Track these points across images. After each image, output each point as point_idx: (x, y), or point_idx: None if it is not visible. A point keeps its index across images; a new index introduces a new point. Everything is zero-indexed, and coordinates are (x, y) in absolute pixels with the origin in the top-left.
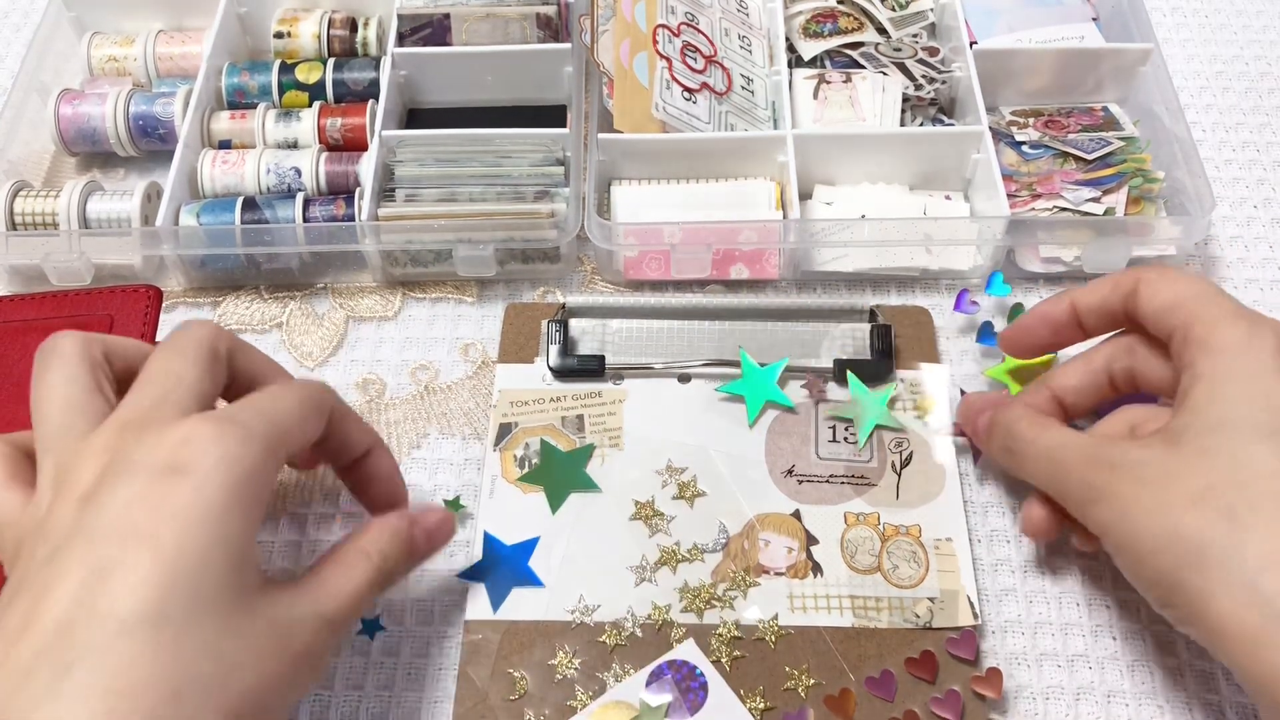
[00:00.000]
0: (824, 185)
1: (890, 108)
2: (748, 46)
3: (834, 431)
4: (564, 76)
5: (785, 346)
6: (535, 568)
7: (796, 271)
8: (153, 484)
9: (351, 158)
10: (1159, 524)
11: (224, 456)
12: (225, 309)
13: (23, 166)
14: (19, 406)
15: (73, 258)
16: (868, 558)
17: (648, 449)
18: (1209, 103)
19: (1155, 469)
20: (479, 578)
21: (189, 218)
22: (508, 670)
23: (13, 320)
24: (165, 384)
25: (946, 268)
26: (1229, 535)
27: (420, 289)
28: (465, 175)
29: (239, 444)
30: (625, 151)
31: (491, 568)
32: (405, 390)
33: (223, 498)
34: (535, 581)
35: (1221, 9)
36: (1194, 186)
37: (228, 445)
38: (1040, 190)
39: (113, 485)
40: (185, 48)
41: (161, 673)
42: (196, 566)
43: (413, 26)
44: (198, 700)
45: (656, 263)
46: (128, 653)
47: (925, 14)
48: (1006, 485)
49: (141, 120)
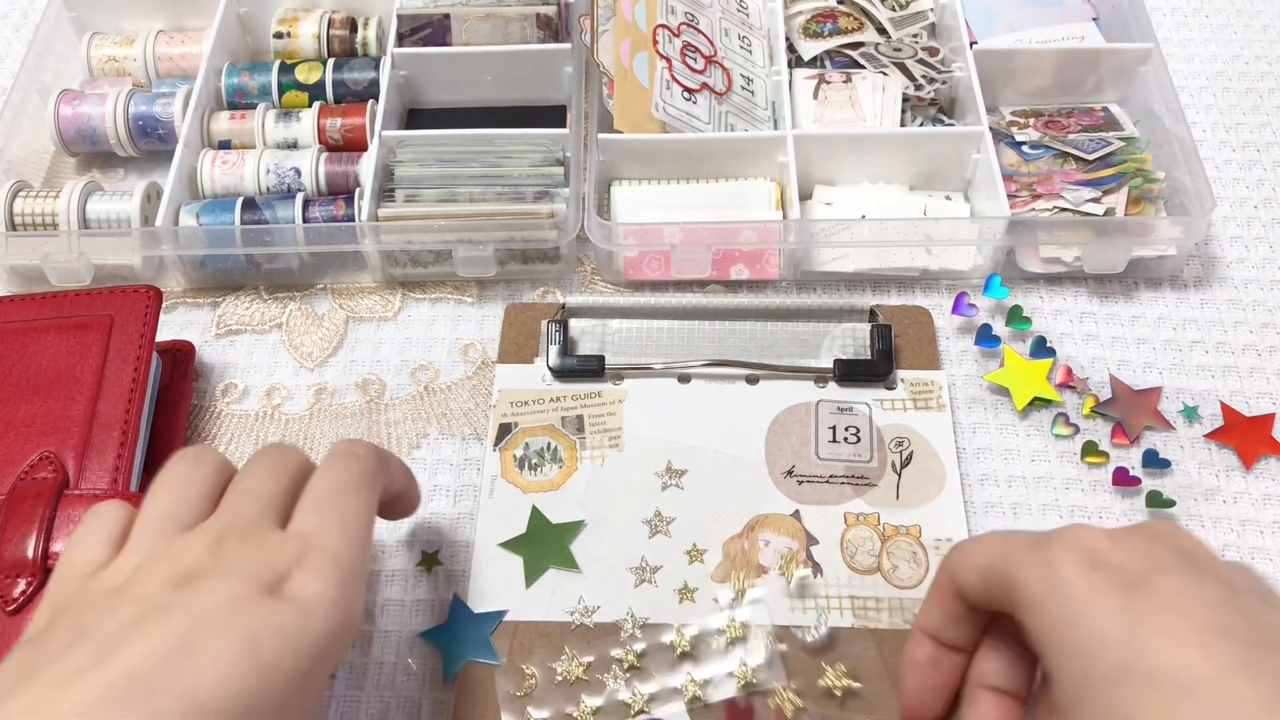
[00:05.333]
0: (824, 185)
1: (890, 108)
2: (748, 46)
3: (834, 432)
4: (564, 76)
5: (785, 346)
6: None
7: (796, 271)
8: (258, 597)
9: (351, 158)
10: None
11: (328, 599)
12: (225, 309)
13: (23, 166)
14: (19, 406)
15: (72, 258)
16: (868, 558)
17: (647, 449)
18: (1209, 103)
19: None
20: (438, 642)
21: (189, 218)
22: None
23: (13, 320)
24: (261, 498)
25: (946, 268)
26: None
27: (420, 289)
28: (465, 175)
29: (339, 587)
30: (625, 151)
31: (453, 634)
32: (405, 390)
33: (323, 637)
34: (492, 659)
35: (1221, 9)
36: (1194, 186)
37: (330, 589)
38: (1040, 190)
39: (216, 581)
40: (185, 48)
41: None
42: (283, 690)
43: (413, 26)
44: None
45: (656, 263)
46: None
47: (925, 14)
48: (1006, 485)
49: (141, 120)
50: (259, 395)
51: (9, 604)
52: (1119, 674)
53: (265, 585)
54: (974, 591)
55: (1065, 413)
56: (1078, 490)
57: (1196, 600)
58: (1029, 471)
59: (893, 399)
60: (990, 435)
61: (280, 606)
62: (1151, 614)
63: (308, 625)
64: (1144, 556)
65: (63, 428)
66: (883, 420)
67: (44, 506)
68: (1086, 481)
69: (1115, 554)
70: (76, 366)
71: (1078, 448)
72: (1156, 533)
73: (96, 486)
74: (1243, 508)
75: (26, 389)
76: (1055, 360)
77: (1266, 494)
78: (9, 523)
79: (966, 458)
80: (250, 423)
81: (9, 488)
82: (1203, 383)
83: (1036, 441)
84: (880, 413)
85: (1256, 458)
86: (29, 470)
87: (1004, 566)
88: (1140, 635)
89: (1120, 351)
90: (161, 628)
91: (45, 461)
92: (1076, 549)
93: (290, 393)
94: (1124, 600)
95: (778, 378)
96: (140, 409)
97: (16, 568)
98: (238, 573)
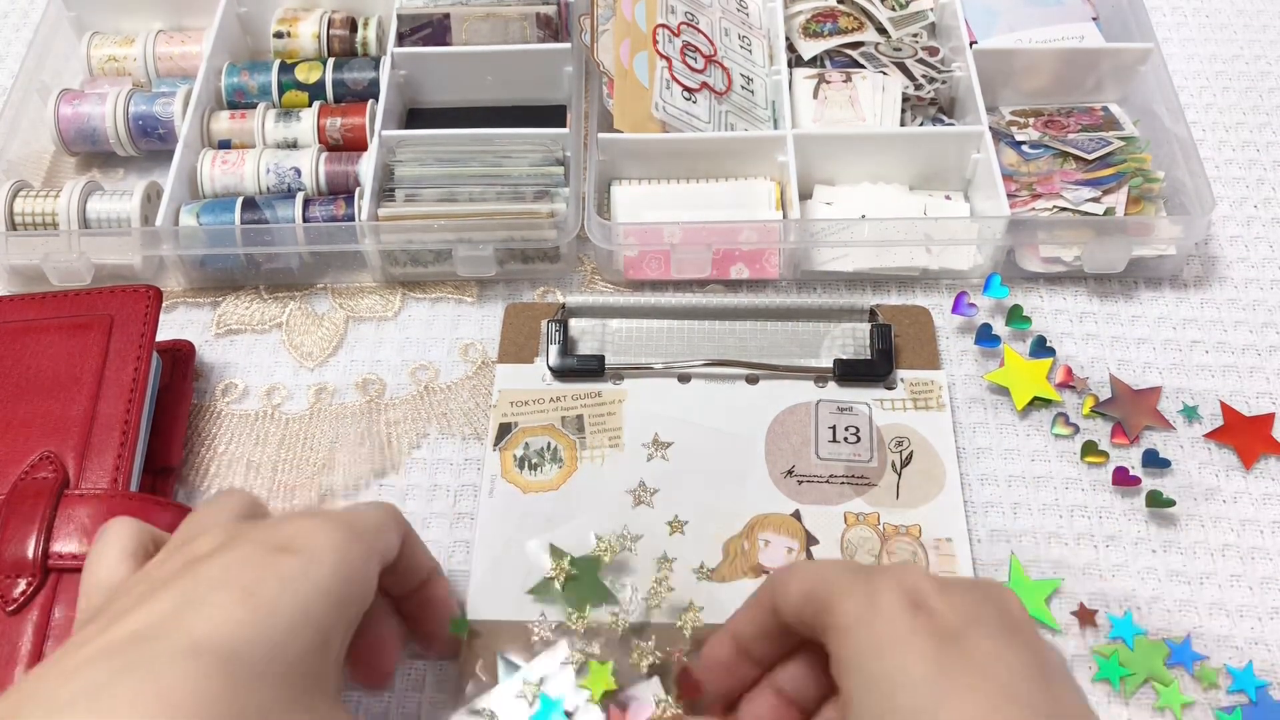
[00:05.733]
0: (824, 185)
1: (890, 108)
2: (748, 46)
3: (834, 432)
4: (564, 76)
5: (785, 346)
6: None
7: (796, 271)
8: (263, 555)
9: (351, 158)
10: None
11: (334, 545)
12: (225, 309)
13: (23, 166)
14: (19, 406)
15: (72, 258)
16: (868, 558)
17: (647, 449)
18: (1209, 102)
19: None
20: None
21: (189, 218)
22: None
23: (13, 320)
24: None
25: (946, 268)
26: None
27: (420, 289)
28: (465, 175)
29: (346, 539)
30: (625, 151)
31: None
32: (405, 390)
33: (328, 578)
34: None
35: (1221, 9)
36: (1194, 186)
37: (336, 537)
38: (1040, 190)
39: (224, 552)
40: (185, 48)
41: (213, 706)
42: (285, 630)
43: (413, 26)
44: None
45: (656, 263)
46: (189, 672)
47: (925, 14)
48: (1006, 485)
49: (141, 120)
50: (259, 395)
51: (9, 604)
52: (913, 717)
53: (273, 547)
54: (791, 610)
55: (1065, 412)
56: (1078, 490)
57: (1007, 667)
58: (1029, 471)
59: (893, 399)
60: (990, 435)
61: (284, 558)
62: (960, 668)
63: (310, 570)
64: (967, 611)
65: (63, 428)
66: (883, 420)
67: (44, 506)
68: (1086, 481)
69: (939, 601)
70: (76, 366)
71: (1077, 447)
72: (986, 592)
73: (97, 486)
74: (1243, 508)
75: (26, 389)
76: (1055, 360)
77: (1266, 494)
78: (9, 523)
79: (966, 457)
80: (250, 422)
81: (9, 488)
82: (1203, 382)
83: (1036, 441)
84: (880, 412)
85: (1256, 457)
86: (29, 470)
87: (825, 590)
88: (943, 686)
89: (1120, 351)
90: (167, 593)
91: (45, 461)
92: (903, 587)
93: (290, 392)
94: (936, 647)
95: (777, 377)
96: (140, 409)
97: (17, 568)
98: (247, 542)
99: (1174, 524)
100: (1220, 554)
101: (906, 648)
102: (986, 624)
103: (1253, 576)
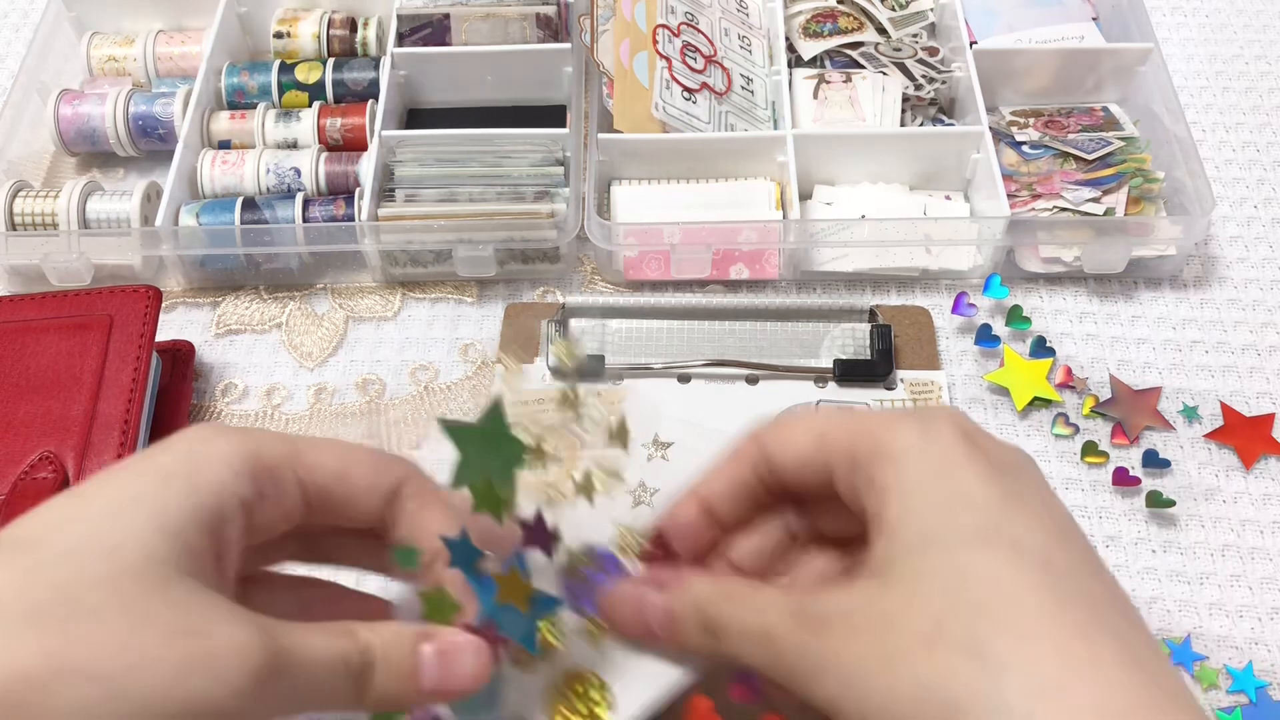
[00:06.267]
0: (824, 185)
1: (890, 108)
2: (748, 46)
3: None
4: (564, 76)
5: (785, 346)
6: None
7: (796, 271)
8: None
9: (351, 158)
10: (892, 683)
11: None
12: (225, 309)
13: (23, 166)
14: (19, 406)
15: (72, 258)
16: None
17: (647, 449)
18: (1209, 103)
19: (871, 614)
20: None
21: (189, 218)
22: None
23: (13, 320)
24: None
25: (946, 268)
26: (982, 678)
27: (420, 289)
28: (465, 175)
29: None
30: (625, 151)
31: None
32: (405, 390)
33: (169, 464)
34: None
35: (1221, 9)
36: (1194, 186)
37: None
38: (1040, 190)
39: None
40: (185, 48)
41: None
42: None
43: (413, 26)
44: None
45: (656, 263)
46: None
47: (925, 14)
48: None
49: (141, 120)
50: (259, 395)
51: None
52: (979, 535)
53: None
54: (796, 456)
55: (1065, 413)
56: (1078, 490)
57: (1060, 507)
58: None
59: (892, 399)
60: None
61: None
62: (1019, 498)
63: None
64: (1014, 456)
65: (63, 428)
66: None
67: None
68: (1086, 481)
69: (988, 442)
70: (76, 366)
71: (1078, 448)
72: (1020, 450)
73: None
74: (1242, 507)
75: (26, 389)
76: (1055, 360)
77: (1266, 494)
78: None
79: None
80: (250, 422)
81: (9, 488)
82: (1202, 383)
83: (1036, 441)
84: None
85: (1256, 458)
86: (29, 470)
87: (859, 426)
88: (1008, 508)
89: (1120, 351)
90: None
91: (45, 461)
92: (955, 422)
93: (290, 393)
94: (997, 475)
95: (777, 378)
96: (140, 409)
97: None
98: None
99: (1174, 524)
100: (1220, 554)
101: (968, 471)
102: (1033, 470)
103: (1253, 577)
